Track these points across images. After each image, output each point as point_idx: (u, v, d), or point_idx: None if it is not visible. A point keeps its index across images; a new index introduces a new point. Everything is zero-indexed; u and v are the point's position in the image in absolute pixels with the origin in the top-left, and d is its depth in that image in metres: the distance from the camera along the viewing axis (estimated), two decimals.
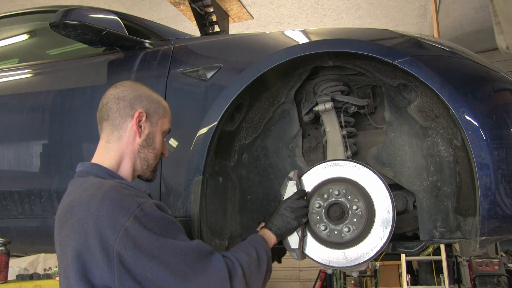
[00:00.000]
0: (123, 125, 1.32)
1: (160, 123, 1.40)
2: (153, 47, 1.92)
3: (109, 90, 1.37)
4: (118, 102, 1.33)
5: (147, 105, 1.36)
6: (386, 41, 1.59)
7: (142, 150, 1.34)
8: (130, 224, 1.10)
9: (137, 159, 1.34)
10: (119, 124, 1.32)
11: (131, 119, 1.32)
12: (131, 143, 1.33)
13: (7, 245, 2.15)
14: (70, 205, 1.20)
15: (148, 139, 1.36)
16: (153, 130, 1.37)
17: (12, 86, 2.16)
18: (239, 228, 1.81)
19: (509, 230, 1.41)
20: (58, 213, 1.24)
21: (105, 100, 1.35)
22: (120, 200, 1.14)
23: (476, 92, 1.45)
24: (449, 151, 1.62)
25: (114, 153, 1.32)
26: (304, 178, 1.62)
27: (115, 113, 1.32)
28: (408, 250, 1.67)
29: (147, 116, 1.35)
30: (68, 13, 1.72)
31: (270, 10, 5.83)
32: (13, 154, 1.98)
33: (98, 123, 1.37)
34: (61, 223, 1.20)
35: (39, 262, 5.17)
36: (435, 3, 5.00)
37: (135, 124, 1.32)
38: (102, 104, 1.35)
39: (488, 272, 5.08)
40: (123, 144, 1.32)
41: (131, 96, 1.34)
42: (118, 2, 5.47)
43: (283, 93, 1.84)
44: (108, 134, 1.33)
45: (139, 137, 1.34)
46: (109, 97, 1.35)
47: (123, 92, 1.35)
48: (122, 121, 1.32)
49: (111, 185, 1.19)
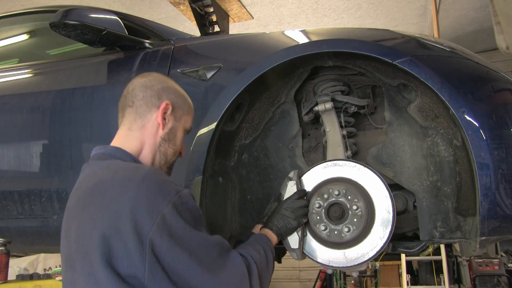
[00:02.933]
0: (148, 114, 1.28)
1: (183, 120, 1.36)
2: (153, 47, 1.92)
3: (136, 79, 1.33)
4: (145, 90, 1.29)
5: (173, 98, 1.32)
6: (386, 41, 1.59)
7: (163, 143, 1.30)
8: (168, 211, 1.05)
9: (157, 152, 1.30)
10: (143, 112, 1.28)
11: (157, 110, 1.28)
12: (154, 134, 1.28)
13: (7, 245, 2.15)
14: (98, 186, 1.12)
15: (171, 133, 1.31)
16: (176, 125, 1.33)
17: (12, 86, 2.16)
18: (239, 228, 1.81)
19: (509, 230, 1.41)
20: (80, 193, 1.17)
21: (131, 87, 1.31)
22: (160, 185, 1.09)
23: (476, 92, 1.45)
24: (449, 151, 1.62)
25: (136, 142, 1.27)
26: (304, 178, 1.62)
27: (140, 101, 1.28)
28: (408, 250, 1.67)
29: (173, 109, 1.31)
30: (68, 13, 1.72)
31: (270, 10, 5.83)
32: (13, 154, 1.98)
33: (120, 109, 1.32)
34: (83, 204, 1.13)
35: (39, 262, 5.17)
36: (435, 3, 5.00)
37: (160, 115, 1.28)
38: (127, 91, 1.31)
39: (488, 272, 5.08)
40: (145, 133, 1.28)
41: (159, 87, 1.31)
42: (118, 2, 5.47)
43: (283, 93, 1.84)
44: (130, 121, 1.29)
45: (162, 129, 1.29)
46: (136, 85, 1.31)
47: (151, 82, 1.31)
48: (147, 110, 1.28)
49: (149, 168, 1.14)
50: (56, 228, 1.85)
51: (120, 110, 1.33)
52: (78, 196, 1.17)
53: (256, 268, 1.22)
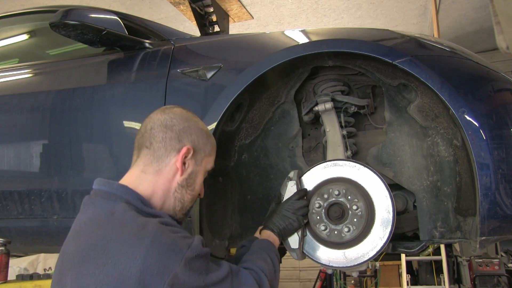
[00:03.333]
0: (166, 158, 1.17)
1: (205, 162, 1.26)
2: (153, 47, 1.92)
3: (156, 114, 1.21)
4: (165, 131, 1.18)
5: (195, 140, 1.21)
6: (386, 41, 1.59)
7: (179, 189, 1.19)
8: (181, 270, 0.97)
9: (171, 198, 1.19)
10: (161, 156, 1.17)
11: (176, 154, 1.18)
12: (170, 180, 1.18)
13: (7, 245, 2.15)
14: (102, 242, 1.01)
15: (189, 179, 1.21)
16: (196, 169, 1.22)
17: (12, 86, 2.16)
18: (239, 228, 1.81)
19: (509, 230, 1.41)
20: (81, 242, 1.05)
21: (149, 125, 1.20)
22: (170, 244, 1.00)
23: (476, 92, 1.46)
24: (449, 151, 1.62)
25: (148, 185, 1.16)
26: (304, 178, 1.62)
27: (159, 143, 1.17)
28: (408, 250, 1.67)
29: (194, 152, 1.21)
30: (68, 13, 1.72)
31: (270, 10, 5.83)
32: (13, 154, 1.98)
33: (136, 147, 1.21)
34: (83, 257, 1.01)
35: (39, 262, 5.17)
36: (435, 3, 5.00)
37: (180, 160, 1.17)
38: (145, 129, 1.20)
39: (488, 272, 5.08)
40: (160, 179, 1.17)
41: (180, 127, 1.19)
42: (118, 2, 5.47)
43: (283, 93, 1.84)
44: (145, 164, 1.18)
45: (180, 175, 1.19)
46: (156, 123, 1.19)
47: (172, 121, 1.19)
48: (165, 153, 1.17)
49: (157, 225, 1.03)
50: (56, 228, 1.85)
51: (136, 148, 1.22)
52: (78, 243, 1.06)
53: (266, 280, 1.21)
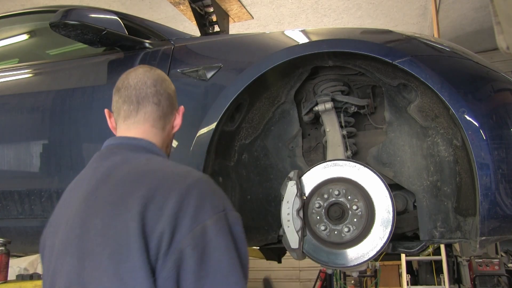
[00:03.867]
0: (171, 116, 1.23)
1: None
2: (153, 47, 1.92)
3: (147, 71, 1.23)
4: (167, 89, 1.23)
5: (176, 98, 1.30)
6: (386, 41, 1.59)
7: (170, 143, 1.28)
8: (211, 224, 0.93)
9: (168, 151, 1.26)
10: (167, 114, 1.22)
11: (176, 113, 1.25)
12: (170, 136, 1.25)
13: (7, 245, 2.15)
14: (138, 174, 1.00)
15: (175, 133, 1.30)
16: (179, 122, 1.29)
17: (12, 86, 2.16)
18: None
19: (509, 230, 1.41)
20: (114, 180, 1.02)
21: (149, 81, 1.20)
22: (212, 193, 0.99)
23: (476, 92, 1.46)
24: (449, 151, 1.62)
25: (158, 140, 1.19)
26: (304, 178, 1.62)
27: (166, 101, 1.21)
28: (408, 250, 1.67)
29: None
30: (68, 13, 1.72)
31: (270, 10, 5.82)
32: (13, 154, 1.98)
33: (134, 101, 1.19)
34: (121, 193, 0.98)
35: (39, 262, 5.17)
36: (435, 3, 4.99)
37: (179, 119, 1.25)
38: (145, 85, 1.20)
39: (488, 272, 5.08)
40: (165, 135, 1.22)
41: (173, 88, 1.27)
42: (118, 2, 5.47)
43: (283, 93, 1.84)
44: (155, 119, 1.19)
45: (175, 130, 1.26)
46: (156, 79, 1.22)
47: (166, 80, 1.25)
48: (170, 111, 1.23)
49: (202, 174, 1.05)
50: None
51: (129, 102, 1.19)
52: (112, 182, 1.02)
53: None
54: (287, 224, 1.55)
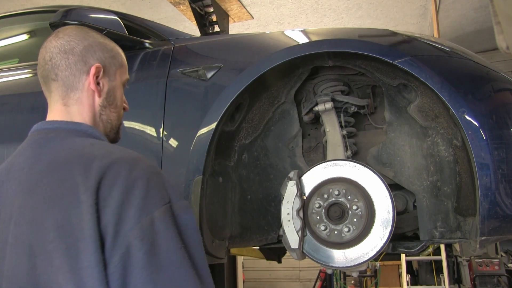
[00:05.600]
0: (79, 84, 1.09)
1: (118, 75, 1.17)
2: (153, 47, 1.92)
3: (51, 42, 1.11)
4: (66, 57, 1.08)
5: (101, 56, 1.12)
6: (386, 41, 1.59)
7: (103, 111, 1.12)
8: (159, 215, 0.88)
9: (99, 123, 1.12)
10: (73, 84, 1.09)
11: (87, 76, 1.09)
12: (91, 105, 1.10)
13: None
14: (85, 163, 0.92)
15: (109, 97, 1.13)
16: (112, 84, 1.14)
17: (12, 86, 2.16)
18: (239, 228, 1.81)
19: (509, 230, 1.41)
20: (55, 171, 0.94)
21: (47, 55, 1.11)
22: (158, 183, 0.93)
23: (476, 92, 1.46)
24: (449, 151, 1.62)
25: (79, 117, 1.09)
26: (304, 178, 1.62)
27: (65, 71, 1.09)
28: (408, 250, 1.67)
29: (104, 69, 1.11)
30: (68, 13, 1.72)
31: (270, 10, 5.83)
32: None
33: (43, 82, 1.13)
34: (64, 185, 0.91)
35: None
36: (435, 3, 4.99)
37: (92, 82, 1.09)
38: (44, 61, 1.11)
39: (488, 272, 5.08)
40: (84, 107, 1.09)
41: (81, 48, 1.09)
42: (118, 2, 5.47)
43: (283, 93, 1.84)
44: (62, 97, 1.10)
45: (98, 96, 1.11)
46: (53, 52, 1.10)
47: (70, 44, 1.09)
48: (76, 80, 1.09)
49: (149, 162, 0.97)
50: None
51: (42, 84, 1.14)
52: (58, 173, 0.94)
53: None
54: (287, 224, 1.55)
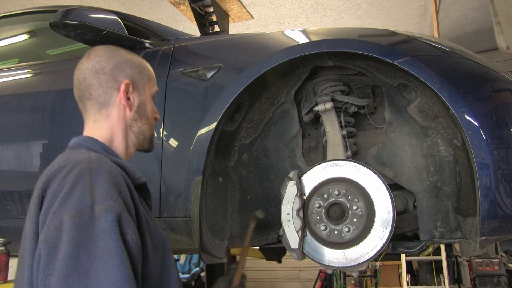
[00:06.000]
0: (110, 101, 1.17)
1: (147, 88, 1.24)
2: (153, 47, 1.92)
3: (82, 63, 1.19)
4: (98, 76, 1.16)
5: (130, 73, 1.20)
6: (386, 41, 1.59)
7: (134, 123, 1.20)
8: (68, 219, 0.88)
9: (131, 134, 1.20)
10: (105, 101, 1.17)
11: (118, 93, 1.17)
12: (123, 119, 1.18)
13: (7, 245, 2.15)
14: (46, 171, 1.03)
15: (140, 111, 1.21)
16: (142, 98, 1.22)
17: (12, 86, 2.16)
18: (239, 228, 1.81)
19: (509, 230, 1.41)
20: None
21: (81, 76, 1.18)
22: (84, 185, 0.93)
23: (476, 92, 1.46)
24: (449, 151, 1.62)
25: (105, 131, 1.17)
26: (304, 178, 1.62)
27: (98, 90, 1.16)
28: (408, 250, 1.67)
29: (133, 85, 1.20)
30: (68, 13, 1.72)
31: (270, 10, 5.82)
32: (13, 154, 1.98)
33: (79, 102, 1.20)
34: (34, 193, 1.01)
35: None
36: (435, 3, 4.99)
37: (123, 98, 1.17)
38: (78, 81, 1.18)
39: (488, 272, 5.08)
40: (114, 121, 1.17)
41: (110, 67, 1.18)
42: (118, 2, 5.47)
43: (283, 93, 1.84)
44: (95, 114, 1.18)
45: (129, 110, 1.19)
46: (86, 72, 1.17)
47: (100, 64, 1.17)
48: (107, 97, 1.17)
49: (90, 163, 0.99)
50: None
51: (79, 102, 1.21)
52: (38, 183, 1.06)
53: None
54: (287, 224, 1.55)
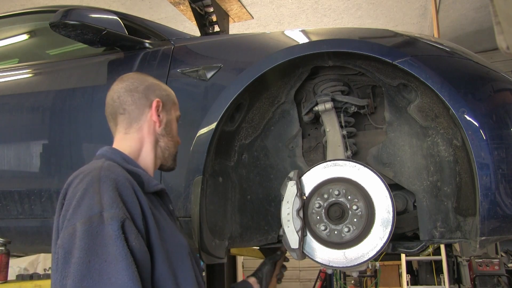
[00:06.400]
0: (142, 116, 1.30)
1: (173, 111, 1.39)
2: (153, 47, 1.92)
3: (117, 85, 1.33)
4: (132, 94, 1.30)
5: (159, 94, 1.34)
6: (386, 41, 1.59)
7: (161, 139, 1.33)
8: (80, 225, 0.98)
9: (158, 148, 1.33)
10: (137, 116, 1.30)
11: (149, 109, 1.30)
12: (152, 133, 1.31)
13: (7, 245, 2.15)
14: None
15: (167, 128, 1.34)
16: (169, 118, 1.36)
17: (12, 86, 2.16)
18: (239, 228, 1.81)
19: (509, 230, 1.41)
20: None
21: (115, 94, 1.31)
22: (93, 193, 1.03)
23: (476, 92, 1.45)
24: (449, 151, 1.62)
25: (135, 142, 1.29)
26: (304, 178, 1.62)
27: (131, 106, 1.29)
28: (408, 250, 1.67)
29: (163, 104, 1.34)
30: (68, 13, 1.72)
31: (270, 10, 5.82)
32: (13, 154, 1.98)
33: (111, 119, 1.33)
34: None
35: (39, 262, 5.16)
36: (435, 3, 4.99)
37: (154, 114, 1.30)
38: (112, 100, 1.32)
39: (488, 272, 5.08)
40: (143, 134, 1.30)
41: (143, 87, 1.32)
42: (118, 2, 5.47)
43: (283, 93, 1.84)
44: (126, 127, 1.30)
45: (158, 126, 1.32)
46: (120, 91, 1.31)
47: (134, 84, 1.32)
48: (139, 112, 1.30)
49: (100, 172, 1.09)
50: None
51: (110, 120, 1.33)
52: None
53: None
54: (287, 224, 1.55)
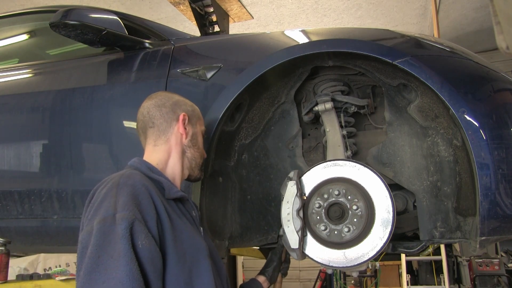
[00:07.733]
0: (169, 128, 1.39)
1: (199, 125, 1.47)
2: (153, 47, 1.92)
3: (146, 102, 1.43)
4: (160, 109, 1.40)
5: (186, 109, 1.43)
6: (386, 41, 1.59)
7: (188, 150, 1.41)
8: (96, 224, 1.08)
9: (185, 158, 1.41)
10: (165, 128, 1.39)
11: (177, 122, 1.40)
12: (179, 144, 1.40)
13: (7, 245, 2.15)
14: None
15: (193, 140, 1.43)
16: (195, 130, 1.44)
17: (12, 86, 2.16)
18: (239, 228, 1.81)
19: (509, 230, 1.41)
20: None
21: (145, 110, 1.41)
22: (111, 197, 1.13)
23: (476, 92, 1.45)
24: (449, 151, 1.62)
25: (163, 153, 1.38)
26: (304, 178, 1.62)
27: (160, 119, 1.39)
28: (408, 250, 1.67)
29: (189, 118, 1.43)
30: (68, 13, 1.72)
31: (270, 10, 5.82)
32: (13, 154, 1.98)
33: (141, 133, 1.43)
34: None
35: (39, 262, 5.15)
36: (435, 3, 4.99)
37: (181, 126, 1.40)
38: (142, 115, 1.41)
39: (488, 272, 5.08)
40: (171, 145, 1.39)
41: (170, 103, 1.42)
42: (118, 2, 5.47)
43: (283, 93, 1.84)
44: (155, 139, 1.40)
45: (185, 138, 1.41)
46: (149, 107, 1.41)
47: (161, 100, 1.42)
48: (167, 125, 1.39)
49: (121, 178, 1.19)
50: (56, 228, 1.85)
51: (140, 134, 1.43)
52: None
53: None
54: (287, 224, 1.55)
